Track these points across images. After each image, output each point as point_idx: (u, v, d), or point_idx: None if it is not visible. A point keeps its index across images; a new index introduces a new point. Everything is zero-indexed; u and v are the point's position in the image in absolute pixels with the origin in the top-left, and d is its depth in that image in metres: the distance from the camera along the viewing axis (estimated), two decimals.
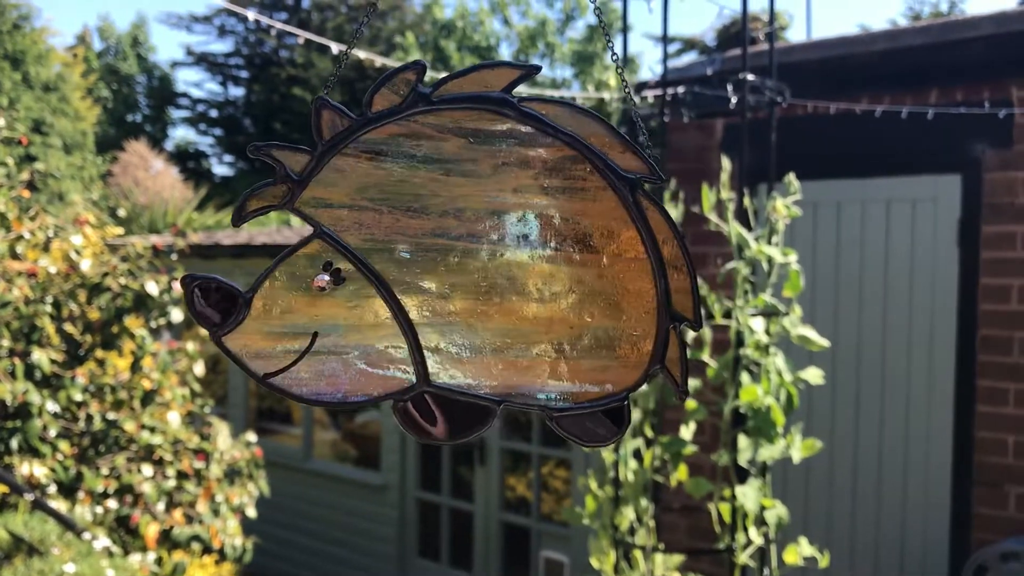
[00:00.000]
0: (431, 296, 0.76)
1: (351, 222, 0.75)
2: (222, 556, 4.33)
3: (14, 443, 3.80)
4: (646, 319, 0.78)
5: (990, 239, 3.52)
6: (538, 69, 0.79)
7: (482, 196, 0.77)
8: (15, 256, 4.15)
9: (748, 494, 2.34)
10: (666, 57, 3.07)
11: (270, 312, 0.74)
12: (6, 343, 3.89)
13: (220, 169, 26.52)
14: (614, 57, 0.85)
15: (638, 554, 2.52)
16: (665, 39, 3.14)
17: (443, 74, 0.80)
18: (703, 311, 2.54)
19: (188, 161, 24.80)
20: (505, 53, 20.30)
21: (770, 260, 2.40)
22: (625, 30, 3.14)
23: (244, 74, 25.36)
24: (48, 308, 4.05)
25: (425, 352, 0.76)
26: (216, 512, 4.27)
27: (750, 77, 2.40)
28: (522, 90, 0.78)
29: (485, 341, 0.77)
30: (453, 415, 0.77)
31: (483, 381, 0.77)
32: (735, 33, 13.53)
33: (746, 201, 2.47)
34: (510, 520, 5.64)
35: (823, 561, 2.46)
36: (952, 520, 3.64)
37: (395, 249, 0.75)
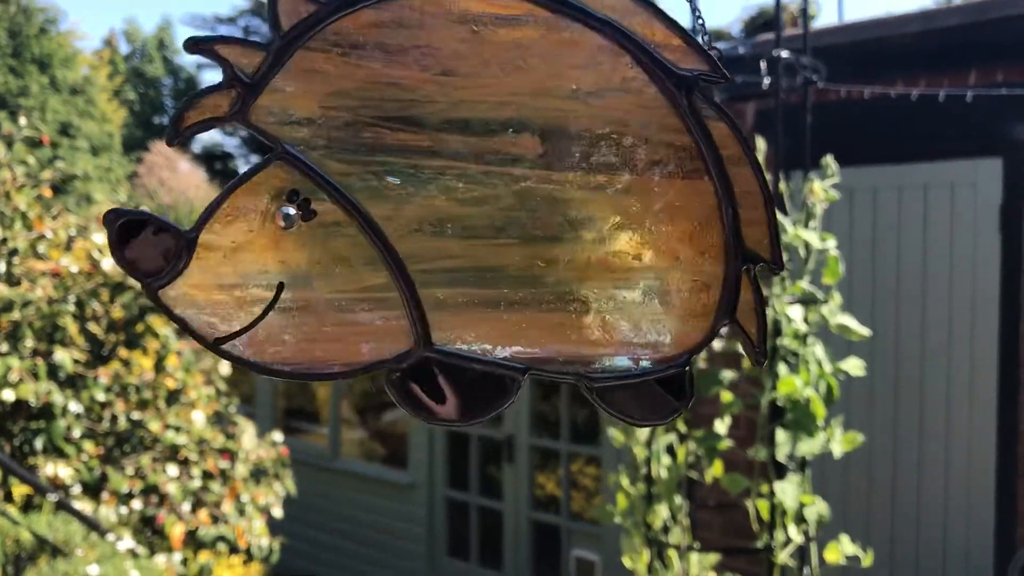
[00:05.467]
0: (429, 234, 0.58)
1: (322, 138, 0.57)
2: (249, 556, 4.30)
3: (39, 444, 3.78)
4: (710, 259, 0.62)
5: None
6: None
7: (492, 101, 0.59)
8: (37, 256, 4.14)
9: (787, 490, 2.25)
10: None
11: (221, 257, 0.55)
12: (29, 343, 3.88)
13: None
14: None
15: (672, 553, 2.43)
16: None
17: None
18: None
19: (215, 163, 24.93)
20: None
21: (807, 246, 2.30)
22: None
23: None
24: (71, 308, 4.04)
25: (425, 307, 0.58)
26: (242, 512, 4.24)
27: (784, 54, 2.30)
28: None
29: (502, 292, 0.59)
30: (464, 388, 0.59)
31: (501, 344, 0.59)
32: (762, 24, 13.38)
33: (781, 186, 2.37)
34: (540, 518, 5.57)
35: (866, 559, 2.37)
36: (996, 516, 3.52)
37: (380, 172, 0.57)
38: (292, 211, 0.56)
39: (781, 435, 2.29)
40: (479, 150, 0.58)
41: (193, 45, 0.56)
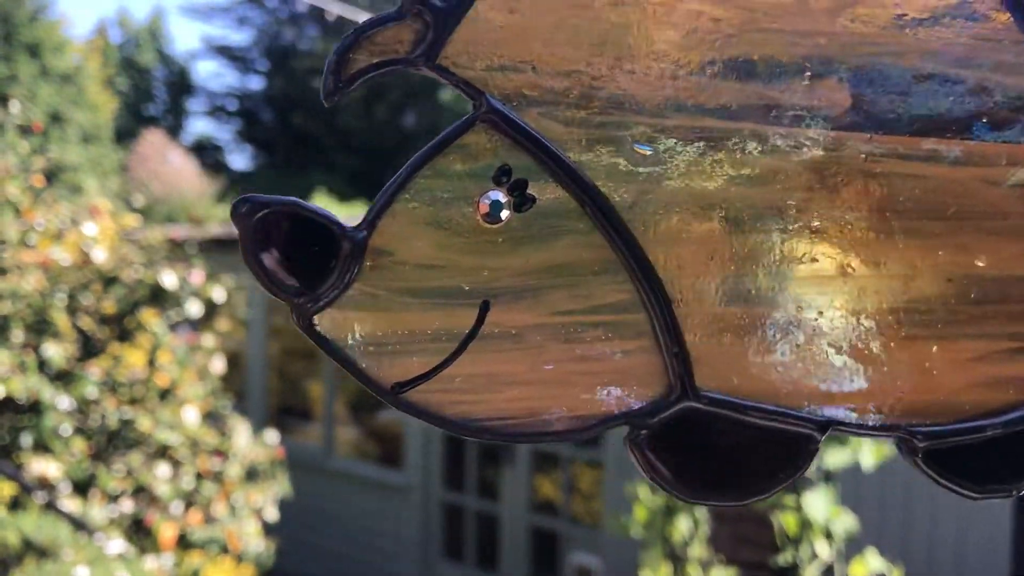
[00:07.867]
0: (695, 233, 0.39)
1: (543, 90, 0.38)
2: (240, 559, 4.20)
3: (28, 440, 3.69)
4: None
5: None
6: None
7: (783, 34, 0.39)
8: (28, 247, 4.03)
9: (817, 503, 2.16)
10: None
11: (400, 266, 0.38)
12: (18, 336, 3.77)
13: (239, 162, 26.53)
14: None
15: (692, 568, 2.34)
16: None
17: None
18: None
19: (207, 154, 24.78)
20: None
21: None
22: None
23: (263, 65, 25.33)
24: (62, 300, 3.93)
25: (687, 339, 0.40)
26: (234, 513, 4.14)
27: None
28: None
29: (795, 314, 0.40)
30: (740, 452, 0.41)
31: (792, 388, 0.41)
32: None
33: None
34: (538, 522, 5.48)
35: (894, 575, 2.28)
36: (1014, 531, 3.45)
37: (623, 139, 0.38)
38: (502, 197, 0.38)
39: None
40: (762, 104, 0.39)
41: None
